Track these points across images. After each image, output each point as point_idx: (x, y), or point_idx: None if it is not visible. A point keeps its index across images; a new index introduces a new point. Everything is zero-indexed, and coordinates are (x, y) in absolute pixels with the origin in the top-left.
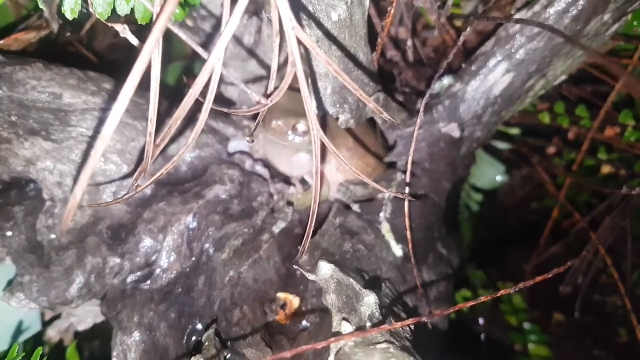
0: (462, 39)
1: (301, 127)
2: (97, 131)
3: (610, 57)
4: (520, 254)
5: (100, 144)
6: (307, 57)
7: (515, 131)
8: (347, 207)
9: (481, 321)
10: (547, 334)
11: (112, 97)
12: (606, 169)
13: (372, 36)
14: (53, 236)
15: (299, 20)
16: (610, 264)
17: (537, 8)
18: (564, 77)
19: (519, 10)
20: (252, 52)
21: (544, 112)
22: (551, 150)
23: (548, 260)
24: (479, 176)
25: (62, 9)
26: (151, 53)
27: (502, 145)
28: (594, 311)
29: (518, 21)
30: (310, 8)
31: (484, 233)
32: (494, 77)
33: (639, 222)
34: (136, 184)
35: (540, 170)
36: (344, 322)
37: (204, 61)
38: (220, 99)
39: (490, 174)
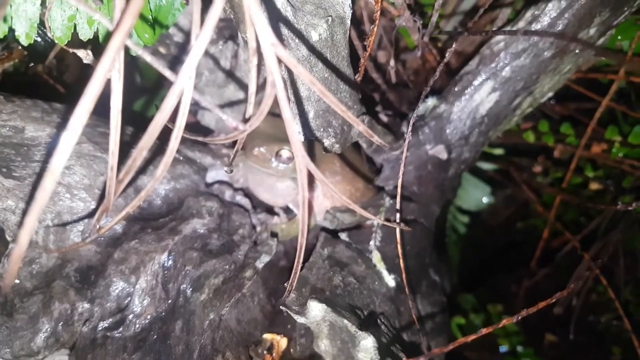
0: (448, 55)
1: (285, 153)
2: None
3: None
4: (507, 274)
5: (49, 179)
6: (286, 80)
7: (499, 151)
8: (335, 235)
9: None
10: (541, 356)
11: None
12: (594, 186)
13: (353, 59)
14: (17, 281)
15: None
16: (606, 283)
17: (521, 24)
18: (550, 94)
19: (500, 28)
20: (228, 78)
21: (528, 131)
22: (537, 169)
23: (539, 281)
24: (465, 198)
25: (16, 34)
26: (107, 72)
27: (486, 166)
28: (586, 330)
29: (509, 32)
30: (289, 27)
31: (470, 254)
32: (479, 96)
33: (631, 238)
34: (98, 225)
35: (526, 189)
36: None
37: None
38: (196, 128)
39: (475, 195)
